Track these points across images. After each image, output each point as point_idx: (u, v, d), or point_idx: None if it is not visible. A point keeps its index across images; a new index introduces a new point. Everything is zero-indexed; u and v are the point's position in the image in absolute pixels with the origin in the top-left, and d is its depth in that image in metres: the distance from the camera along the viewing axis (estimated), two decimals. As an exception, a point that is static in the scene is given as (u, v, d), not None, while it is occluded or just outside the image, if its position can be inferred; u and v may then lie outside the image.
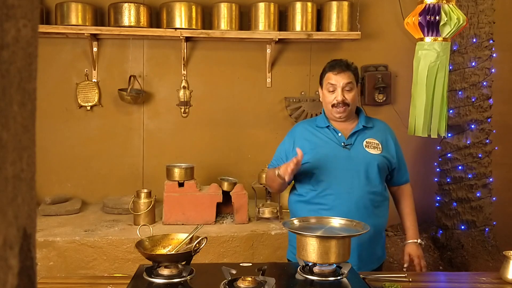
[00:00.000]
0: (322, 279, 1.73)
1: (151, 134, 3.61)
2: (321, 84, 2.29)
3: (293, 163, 2.02)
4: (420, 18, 2.69)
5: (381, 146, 2.21)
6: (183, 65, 3.57)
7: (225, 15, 3.41)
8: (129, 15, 3.30)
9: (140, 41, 3.53)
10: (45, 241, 2.75)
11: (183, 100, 3.60)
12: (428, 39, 2.75)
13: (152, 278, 1.71)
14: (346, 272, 1.73)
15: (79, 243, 2.78)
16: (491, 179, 3.61)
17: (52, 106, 3.47)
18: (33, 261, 0.54)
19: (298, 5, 3.45)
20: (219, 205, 3.11)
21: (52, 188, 3.47)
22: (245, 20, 3.52)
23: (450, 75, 3.29)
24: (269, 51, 3.60)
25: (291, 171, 2.03)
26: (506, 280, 1.89)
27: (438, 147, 3.72)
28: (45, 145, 3.42)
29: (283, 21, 3.52)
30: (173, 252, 1.84)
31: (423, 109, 2.80)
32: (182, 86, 3.60)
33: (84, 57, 3.51)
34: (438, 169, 3.73)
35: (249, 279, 1.63)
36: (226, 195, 3.10)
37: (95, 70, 3.51)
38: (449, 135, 3.56)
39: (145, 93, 3.55)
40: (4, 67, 0.48)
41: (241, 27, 3.47)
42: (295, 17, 3.46)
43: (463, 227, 3.57)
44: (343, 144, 2.19)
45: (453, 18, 2.66)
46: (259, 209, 3.12)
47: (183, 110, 3.61)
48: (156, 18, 3.48)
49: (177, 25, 3.35)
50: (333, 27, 3.50)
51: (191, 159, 3.37)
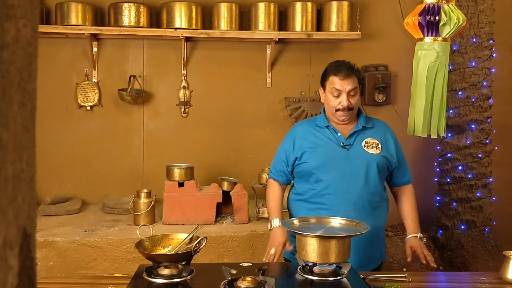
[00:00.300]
0: (322, 279, 1.73)
1: (151, 134, 3.61)
2: (323, 85, 2.27)
3: (276, 256, 2.13)
4: (420, 18, 2.69)
5: (380, 145, 2.21)
6: (183, 65, 3.57)
7: (225, 15, 3.41)
8: (129, 15, 3.30)
9: (140, 41, 3.53)
10: (45, 241, 2.75)
11: (183, 100, 3.60)
12: (428, 39, 2.75)
13: (152, 278, 1.71)
14: (346, 272, 1.73)
15: (79, 243, 2.78)
16: (491, 179, 3.60)
17: (52, 106, 3.47)
18: (33, 261, 0.54)
19: (298, 5, 3.45)
20: (219, 205, 3.12)
21: (52, 188, 3.47)
22: (245, 20, 3.51)
23: (450, 75, 3.29)
24: (269, 51, 3.60)
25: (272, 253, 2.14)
26: (506, 280, 1.89)
27: (438, 147, 3.71)
28: (45, 145, 3.42)
29: (283, 21, 3.52)
30: (173, 252, 1.84)
31: (423, 109, 2.80)
32: (182, 86, 3.60)
33: (84, 57, 3.51)
34: (438, 169, 3.73)
35: (249, 279, 1.63)
36: (226, 195, 3.10)
37: (95, 70, 3.51)
38: (449, 135, 3.56)
39: (145, 93, 3.55)
40: (4, 67, 0.48)
41: (241, 27, 3.47)
42: (295, 17, 3.46)
43: (463, 227, 3.57)
44: (342, 144, 2.19)
45: (453, 18, 2.66)
46: (259, 209, 3.12)
47: (183, 110, 3.61)
48: (156, 18, 3.48)
49: (177, 25, 3.35)
50: (333, 27, 3.50)
51: (191, 159, 3.37)
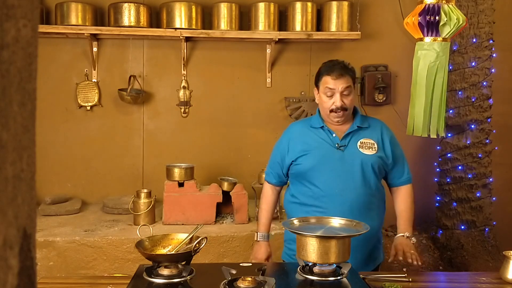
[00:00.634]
0: (322, 279, 1.73)
1: (151, 134, 3.61)
2: (317, 86, 2.22)
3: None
4: (419, 18, 2.69)
5: (376, 146, 2.16)
6: (183, 65, 3.57)
7: (225, 15, 3.41)
8: (129, 15, 3.30)
9: (140, 41, 3.53)
10: (45, 241, 2.75)
11: (183, 100, 3.60)
12: (427, 39, 2.75)
13: (152, 278, 1.71)
14: (346, 272, 1.73)
15: (79, 243, 2.78)
16: (491, 179, 3.60)
17: (52, 106, 3.47)
18: (33, 261, 0.54)
19: (298, 5, 3.45)
20: (219, 205, 3.12)
21: (52, 188, 3.47)
22: (245, 20, 3.51)
23: (450, 75, 3.29)
24: (269, 51, 3.60)
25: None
26: (506, 280, 1.89)
27: (438, 147, 3.71)
28: (45, 145, 3.42)
29: (283, 21, 3.52)
30: (173, 252, 1.84)
31: (422, 109, 2.80)
32: (182, 86, 3.60)
33: (84, 57, 3.51)
34: (438, 169, 3.73)
35: (249, 279, 1.63)
36: (226, 195, 3.10)
37: (95, 70, 3.51)
38: (449, 135, 3.56)
39: (145, 93, 3.55)
40: (4, 67, 0.48)
41: (241, 27, 3.47)
42: (295, 17, 3.46)
43: (463, 227, 3.57)
44: (337, 145, 2.14)
45: (453, 18, 2.66)
46: (259, 209, 3.12)
47: (183, 110, 3.61)
48: (156, 18, 3.48)
49: (177, 25, 3.35)
50: (333, 27, 3.50)
51: (191, 159, 3.37)
